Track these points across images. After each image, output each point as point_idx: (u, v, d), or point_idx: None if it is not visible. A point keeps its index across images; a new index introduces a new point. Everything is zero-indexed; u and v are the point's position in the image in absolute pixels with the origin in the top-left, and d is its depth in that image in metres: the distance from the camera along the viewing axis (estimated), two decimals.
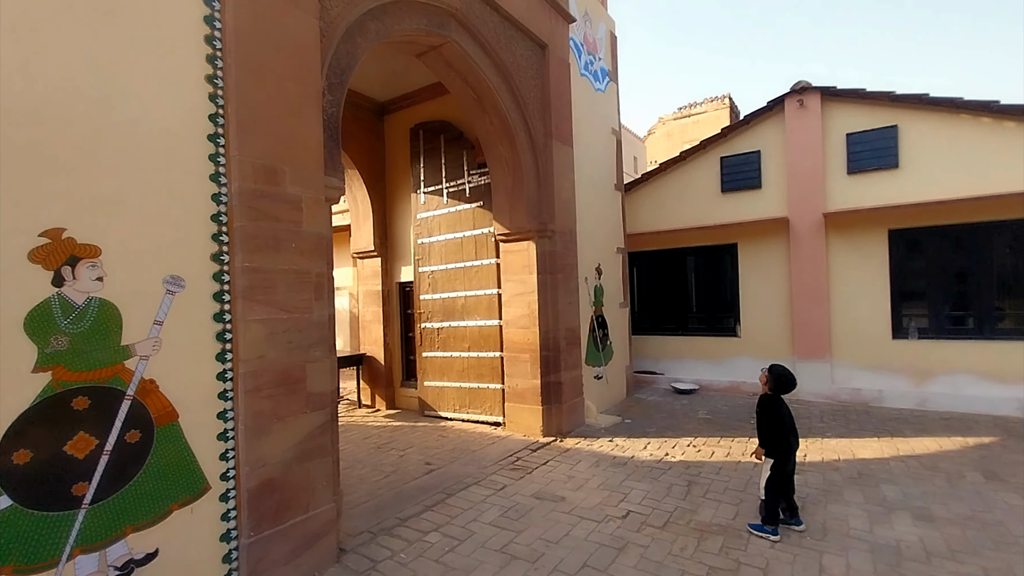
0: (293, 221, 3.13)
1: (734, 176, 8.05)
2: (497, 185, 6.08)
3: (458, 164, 6.78)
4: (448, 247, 6.83)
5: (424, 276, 7.09)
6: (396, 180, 7.70)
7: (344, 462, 5.22)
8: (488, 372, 6.42)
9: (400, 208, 7.64)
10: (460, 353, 6.68)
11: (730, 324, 8.27)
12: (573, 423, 6.10)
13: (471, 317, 6.59)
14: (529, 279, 5.94)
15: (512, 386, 6.08)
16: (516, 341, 6.04)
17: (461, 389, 6.66)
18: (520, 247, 6.04)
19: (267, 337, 2.95)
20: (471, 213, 6.63)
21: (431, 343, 6.99)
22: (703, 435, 5.80)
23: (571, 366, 6.16)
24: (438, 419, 6.85)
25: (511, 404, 6.09)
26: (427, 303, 7.06)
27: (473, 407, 6.55)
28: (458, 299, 6.72)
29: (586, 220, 6.82)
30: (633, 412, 6.97)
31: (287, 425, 3.03)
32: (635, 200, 8.90)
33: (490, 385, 6.40)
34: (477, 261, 6.55)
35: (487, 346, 6.44)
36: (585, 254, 6.75)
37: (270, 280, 2.99)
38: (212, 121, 2.84)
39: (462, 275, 6.68)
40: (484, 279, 6.48)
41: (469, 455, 5.31)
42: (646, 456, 5.12)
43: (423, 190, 7.13)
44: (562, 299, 6.06)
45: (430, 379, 6.99)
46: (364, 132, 7.54)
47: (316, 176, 3.28)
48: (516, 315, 6.05)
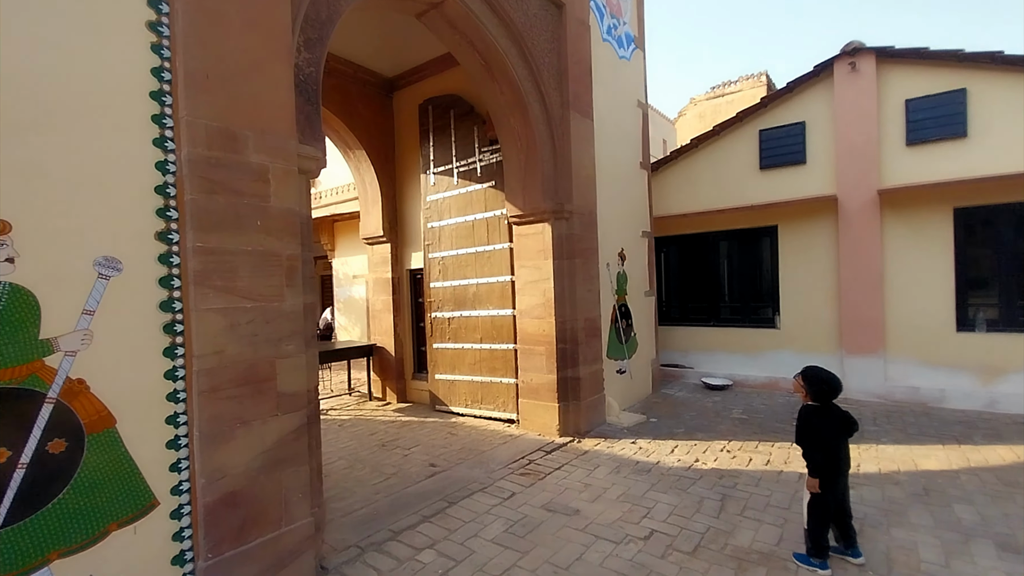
0: (258, 195, 2.70)
1: (775, 151, 7.30)
2: (509, 162, 5.57)
3: (468, 141, 6.28)
4: (459, 231, 6.37)
5: (434, 262, 6.66)
6: (406, 161, 7.26)
7: (344, 461, 4.87)
8: (501, 365, 5.96)
9: (410, 191, 7.20)
10: (472, 345, 6.24)
11: (768, 314, 7.58)
12: (592, 422, 5.59)
13: (483, 306, 6.13)
14: (544, 265, 5.43)
15: (526, 381, 5.61)
16: (530, 332, 5.55)
17: (473, 383, 6.23)
18: (535, 230, 5.52)
19: (227, 329, 2.55)
20: (482, 194, 6.14)
21: (442, 334, 6.58)
22: (738, 438, 5.21)
23: (591, 360, 5.64)
24: (449, 414, 6.45)
25: (525, 400, 5.63)
26: (437, 291, 6.63)
27: (486, 402, 6.12)
28: (469, 287, 6.26)
29: (608, 201, 6.24)
30: (659, 410, 6.41)
31: (253, 430, 2.63)
32: (663, 180, 8.24)
33: (503, 380, 5.94)
34: (489, 246, 6.07)
35: (500, 338, 5.97)
36: (607, 238, 6.18)
37: (230, 263, 2.58)
38: (156, 76, 2.42)
39: (473, 261, 6.22)
40: (497, 265, 6.00)
41: (477, 456, 4.88)
42: (673, 462, 4.58)
43: (433, 171, 6.67)
44: (581, 287, 5.52)
45: (441, 372, 6.58)
46: (371, 110, 7.11)
47: (286, 144, 2.84)
48: (530, 304, 5.55)
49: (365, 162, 7.12)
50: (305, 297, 3.00)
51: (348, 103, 6.79)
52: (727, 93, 20.24)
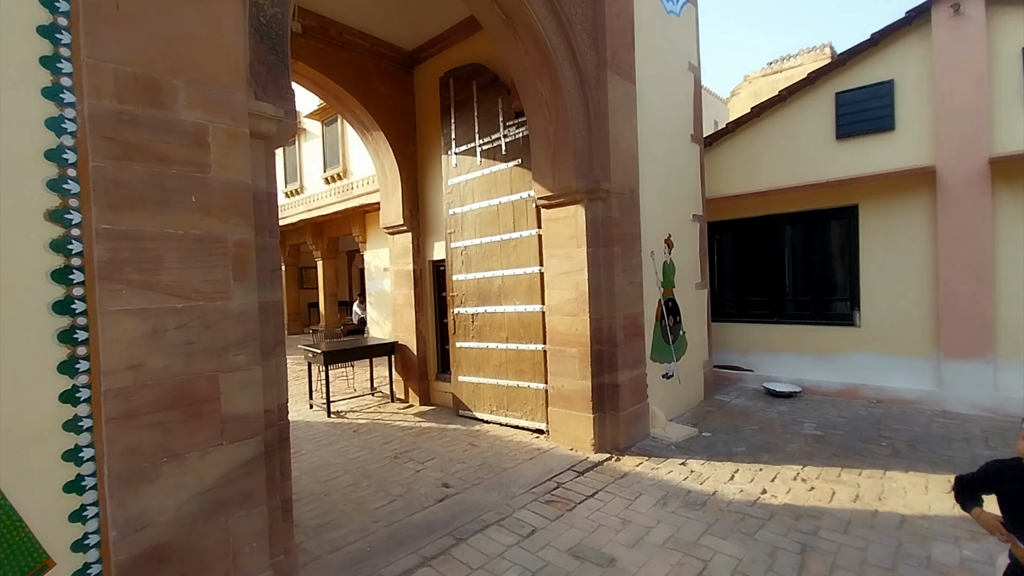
0: (193, 163, 2.11)
1: (855, 117, 6.18)
2: (536, 136, 4.82)
3: (492, 115, 5.57)
4: (482, 217, 5.69)
5: (456, 253, 6.02)
6: (427, 142, 6.64)
7: (349, 476, 4.33)
8: (529, 368, 5.26)
9: (432, 175, 6.58)
10: (497, 344, 5.56)
11: (844, 310, 6.50)
12: (634, 435, 4.81)
13: (509, 301, 5.44)
14: (577, 254, 4.66)
15: (557, 387, 4.88)
16: (561, 332, 4.82)
17: (498, 387, 5.56)
18: (566, 213, 4.76)
19: (147, 336, 1.97)
20: (508, 174, 5.42)
21: (465, 332, 5.94)
22: (815, 462, 4.29)
23: (632, 363, 4.85)
24: (473, 421, 5.82)
25: (556, 409, 4.91)
26: (460, 284, 5.99)
27: (512, 409, 5.45)
28: (494, 280, 5.58)
29: (653, 179, 5.38)
30: (714, 421, 5.54)
31: (187, 465, 2.06)
32: (718, 156, 7.24)
33: (531, 384, 5.24)
34: (515, 233, 5.35)
35: (528, 337, 5.27)
36: (651, 222, 5.33)
37: (152, 251, 2.00)
38: (47, 5, 1.85)
39: (498, 250, 5.53)
40: (524, 255, 5.28)
41: (498, 475, 4.22)
42: (734, 492, 3.75)
43: (454, 151, 6.01)
44: (620, 279, 4.73)
45: (464, 374, 5.95)
46: (390, 88, 6.51)
47: (232, 98, 2.23)
48: (561, 299, 4.81)
49: (384, 144, 6.54)
50: (264, 294, 2.40)
51: (364, 80, 6.22)
52: (786, 68, 18.45)
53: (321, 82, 5.97)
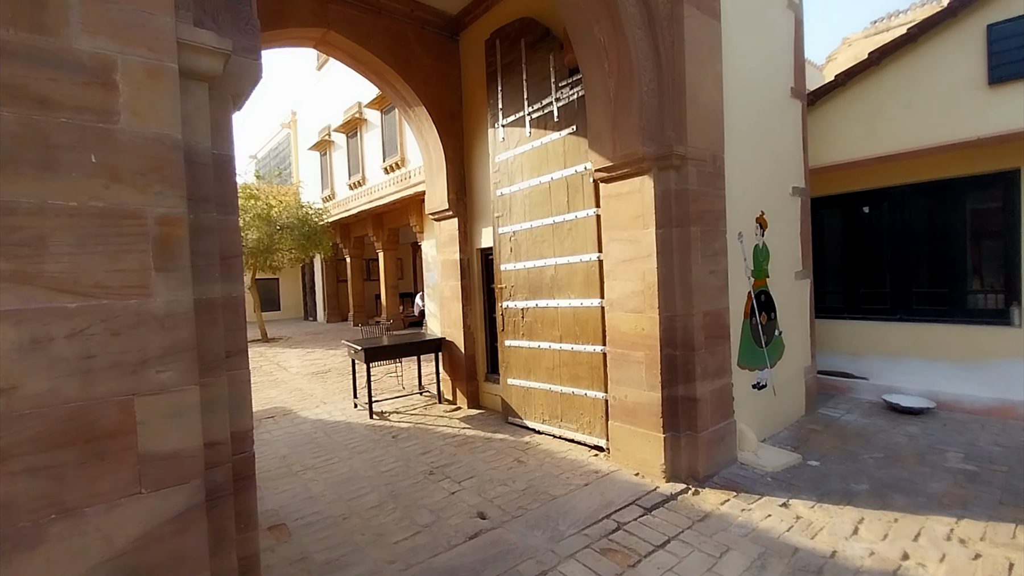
0: (94, 109, 1.53)
1: (1016, 54, 4.73)
2: (593, 92, 3.98)
3: (543, 76, 4.77)
4: (533, 197, 4.93)
5: (504, 239, 5.31)
6: (473, 116, 5.96)
7: (375, 496, 3.78)
8: (586, 373, 4.46)
9: (479, 152, 5.90)
10: (549, 344, 4.81)
11: (996, 304, 5.08)
12: (717, 461, 3.88)
13: (562, 294, 4.65)
14: (643, 237, 3.79)
15: (619, 397, 4.05)
16: (624, 331, 3.97)
17: (551, 393, 4.81)
18: (629, 187, 3.89)
19: (24, 349, 1.42)
20: (560, 145, 4.61)
21: (514, 329, 5.23)
22: (973, 512, 3.17)
23: (714, 371, 3.91)
24: (522, 430, 5.12)
25: (618, 424, 4.08)
26: (508, 275, 5.28)
27: (567, 420, 4.68)
28: (546, 269, 4.81)
29: (741, 142, 4.35)
30: (821, 445, 4.45)
31: (87, 525, 1.50)
32: (823, 117, 5.95)
33: (588, 392, 4.44)
34: (570, 214, 4.54)
35: (584, 336, 4.46)
36: (739, 196, 4.31)
37: (29, 231, 1.44)
38: None
39: (551, 235, 4.75)
40: (580, 239, 4.47)
41: (546, 504, 3.49)
42: (861, 554, 2.77)
43: (502, 122, 5.28)
44: (699, 267, 3.80)
45: (514, 376, 5.26)
46: (433, 57, 5.89)
47: (154, 21, 1.63)
48: (624, 292, 3.96)
49: (426, 121, 5.95)
50: (207, 288, 1.81)
51: (404, 50, 5.64)
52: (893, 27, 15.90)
53: (356, 53, 5.45)
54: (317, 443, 5.10)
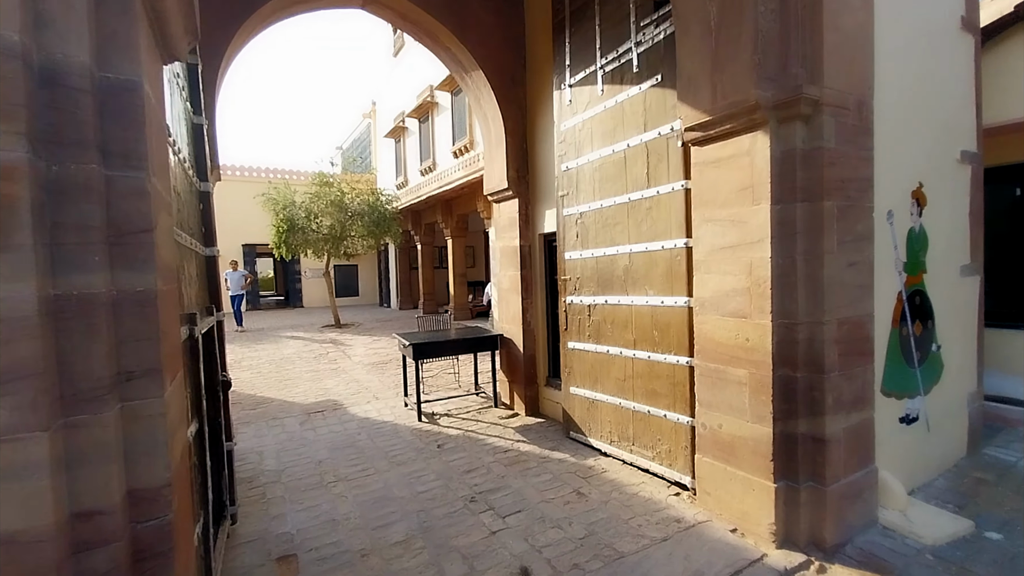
0: None
1: None
2: (687, 23, 3.02)
3: (620, 16, 3.84)
4: (604, 170, 4.04)
5: (569, 222, 4.47)
6: (538, 79, 5.15)
7: (402, 528, 3.17)
8: (666, 389, 3.55)
9: (543, 122, 5.08)
10: (620, 350, 3.93)
11: None
12: (851, 524, 2.84)
13: (638, 290, 3.75)
14: (751, 215, 2.80)
15: (710, 425, 3.12)
16: (720, 341, 3.02)
17: (621, 410, 3.95)
18: (733, 149, 2.91)
19: None
20: (641, 101, 3.67)
21: (579, 329, 4.40)
22: None
23: (850, 401, 2.85)
24: (586, 449, 4.30)
25: (707, 460, 3.15)
26: (573, 265, 4.45)
27: (640, 443, 3.80)
28: (618, 258, 3.93)
29: (892, 88, 3.16)
30: (996, 504, 3.22)
31: None
32: (1002, 57, 4.46)
33: (667, 414, 3.53)
34: (650, 190, 3.61)
35: (665, 343, 3.54)
36: (890, 162, 3.15)
37: None
38: None
39: (625, 216, 3.85)
40: (662, 221, 3.53)
41: (611, 566, 2.67)
42: None
43: (569, 82, 4.42)
44: (835, 258, 2.75)
45: (577, 384, 4.44)
46: (492, 12, 5.11)
47: None
48: (721, 289, 3.00)
49: (484, 88, 5.22)
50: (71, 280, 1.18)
51: (459, 4, 4.92)
52: None
53: (406, 11, 4.81)
54: (358, 448, 4.62)
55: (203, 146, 3.10)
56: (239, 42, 4.19)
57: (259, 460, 4.41)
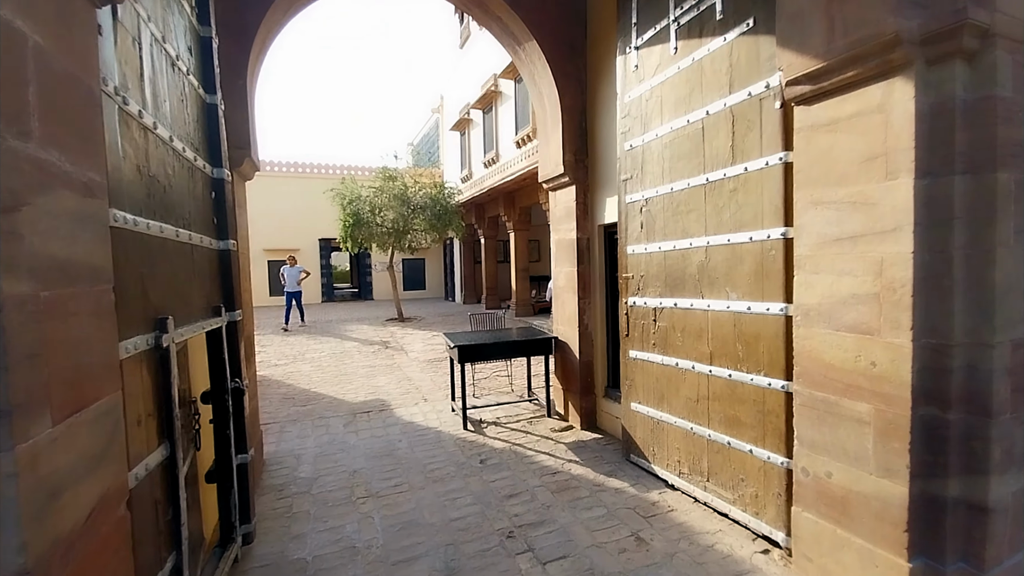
0: None
1: None
2: None
3: None
4: (675, 146, 3.34)
5: (632, 210, 3.81)
6: (599, 47, 4.50)
7: (430, 562, 2.74)
8: (752, 418, 2.83)
9: (604, 96, 4.43)
10: (692, 364, 3.24)
11: None
12: None
13: (716, 292, 3.04)
14: (884, 195, 2.05)
15: (814, 471, 2.39)
16: (832, 362, 2.28)
17: (693, 437, 3.26)
18: (857, 105, 2.15)
19: None
20: (725, 55, 2.95)
21: (642, 336, 3.75)
22: None
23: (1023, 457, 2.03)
24: (649, 478, 3.65)
25: (810, 515, 2.43)
26: (637, 260, 3.79)
27: (717, 480, 3.10)
28: (692, 253, 3.23)
29: None
30: None
31: None
32: None
33: (754, 449, 2.81)
34: (736, 167, 2.89)
35: (752, 359, 2.82)
36: None
37: None
38: None
39: (700, 202, 3.14)
40: (750, 206, 2.80)
41: None
42: None
43: (635, 43, 3.74)
44: (1009, 254, 1.94)
45: (639, 399, 3.79)
46: None
47: None
48: (835, 293, 2.26)
49: (539, 61, 4.64)
50: None
51: None
52: None
53: None
54: (396, 457, 4.27)
55: (217, 128, 2.80)
56: (273, 21, 3.92)
57: (295, 465, 4.18)
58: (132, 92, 1.74)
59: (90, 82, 1.38)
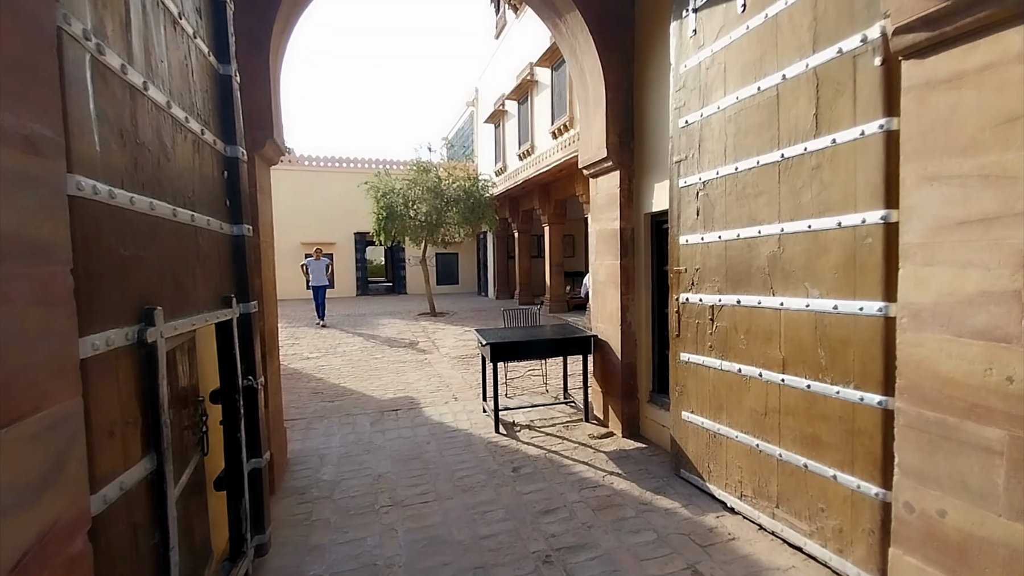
0: None
1: None
2: None
3: None
4: (742, 118, 2.91)
5: (687, 195, 3.38)
6: (649, 14, 4.08)
7: None
8: (837, 437, 2.39)
9: (655, 69, 4.01)
10: (759, 371, 2.81)
11: None
12: None
13: (792, 287, 2.60)
14: None
15: (923, 509, 1.95)
16: (952, 375, 1.83)
17: (759, 454, 2.84)
18: (987, 54, 1.69)
19: None
20: (808, 7, 2.48)
21: (696, 336, 3.33)
22: None
23: None
24: (703, 497, 3.24)
25: (914, 561, 1.98)
26: (691, 251, 3.36)
27: (789, 507, 2.67)
28: (760, 242, 2.79)
29: None
30: None
31: None
32: None
33: (839, 475, 2.37)
34: (820, 139, 2.44)
35: (838, 367, 2.37)
36: None
37: None
38: None
39: (773, 182, 2.70)
40: (838, 185, 2.35)
41: None
42: None
43: (692, 5, 3.30)
44: None
45: (692, 409, 3.38)
46: None
47: None
48: (958, 290, 1.81)
49: (581, 33, 4.25)
50: None
51: None
52: None
53: None
54: (423, 461, 4.00)
55: (231, 102, 2.56)
56: None
57: (319, 466, 3.96)
58: (112, 42, 1.47)
59: (43, 15, 1.11)
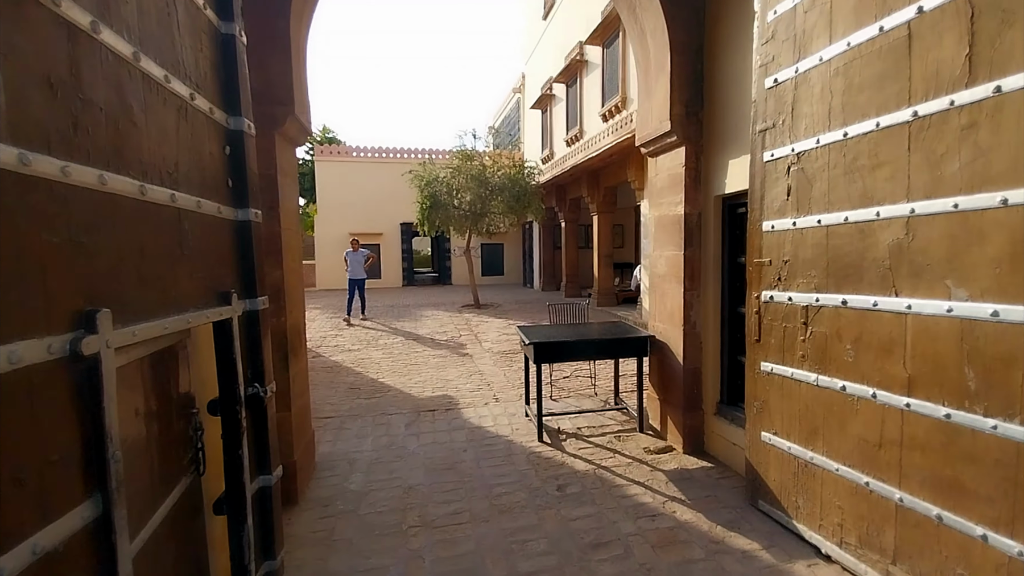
0: None
1: None
2: None
3: None
4: (854, 70, 2.28)
5: (774, 170, 2.78)
6: None
7: None
8: (991, 485, 1.78)
9: (731, 25, 3.39)
10: (872, 390, 2.21)
11: None
12: None
13: (925, 285, 1.99)
14: None
15: None
16: None
17: (867, 494, 2.24)
18: None
19: None
20: None
21: (784, 342, 2.74)
22: None
23: None
24: (789, 537, 2.67)
25: None
26: (779, 239, 2.76)
27: (908, 564, 2.08)
28: (877, 227, 2.18)
29: None
30: None
31: None
32: None
33: (990, 536, 1.76)
34: (976, 88, 1.80)
35: (995, 394, 1.76)
36: None
37: None
38: None
39: (900, 148, 2.08)
40: (1001, 148, 1.72)
41: None
42: None
43: None
44: None
45: (776, 429, 2.80)
46: None
47: None
48: None
49: None
50: None
51: None
52: None
53: None
54: (458, 473, 3.62)
55: (234, 65, 2.21)
56: None
57: (347, 472, 3.67)
58: None
59: None
